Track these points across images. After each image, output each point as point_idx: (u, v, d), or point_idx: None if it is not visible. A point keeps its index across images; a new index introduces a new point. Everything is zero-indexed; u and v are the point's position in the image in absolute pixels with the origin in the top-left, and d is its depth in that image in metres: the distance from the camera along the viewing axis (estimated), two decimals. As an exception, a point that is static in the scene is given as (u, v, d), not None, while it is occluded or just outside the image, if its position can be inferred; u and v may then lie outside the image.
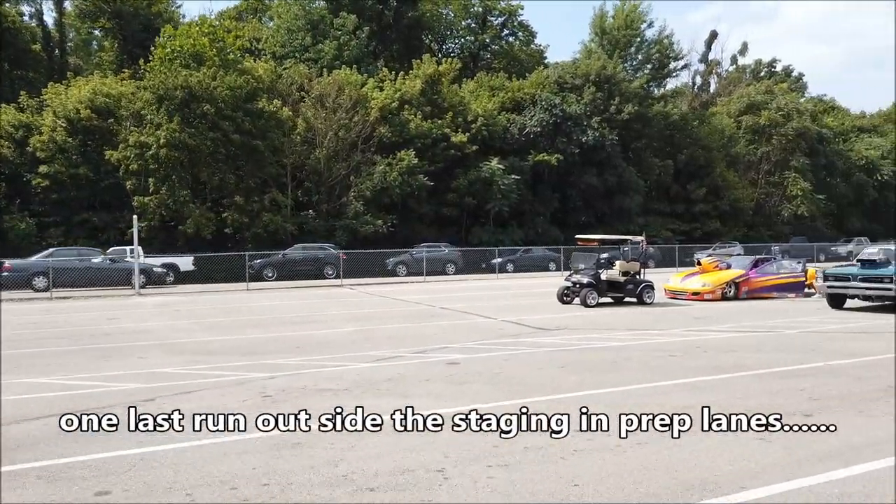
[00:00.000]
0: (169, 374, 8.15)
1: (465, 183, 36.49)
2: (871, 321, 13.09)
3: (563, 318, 13.97)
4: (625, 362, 8.71)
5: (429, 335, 11.39)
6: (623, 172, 40.31)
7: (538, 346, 10.08)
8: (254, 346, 10.37)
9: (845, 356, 9.05)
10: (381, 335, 11.50)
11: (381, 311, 15.59)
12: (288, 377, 7.81)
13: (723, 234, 43.11)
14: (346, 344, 10.51)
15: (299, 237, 32.21)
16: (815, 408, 6.24)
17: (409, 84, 37.42)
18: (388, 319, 13.89)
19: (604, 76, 40.49)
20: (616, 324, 13.00)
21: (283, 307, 16.92)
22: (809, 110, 52.74)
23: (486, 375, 7.84)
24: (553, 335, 11.39)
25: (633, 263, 17.17)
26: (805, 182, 47.00)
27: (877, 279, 14.27)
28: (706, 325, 12.82)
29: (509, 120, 39.67)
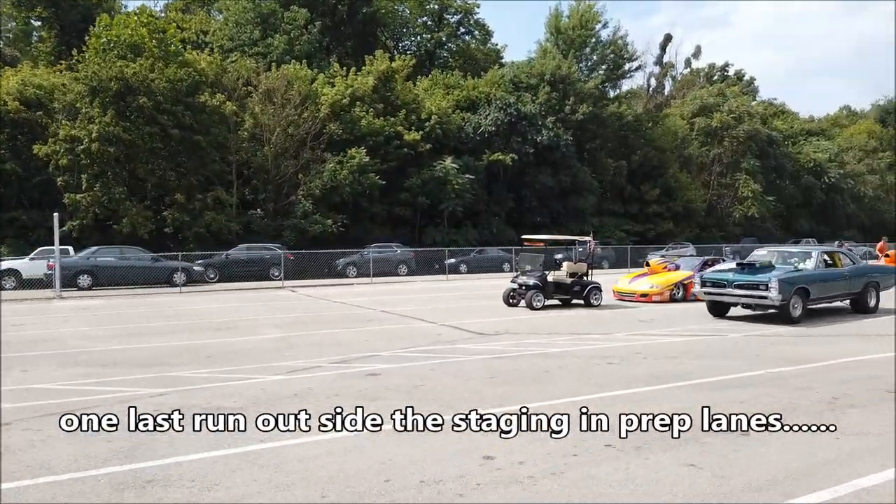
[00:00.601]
0: (46, 391, 7.21)
1: (419, 182, 35.79)
2: (819, 326, 12.85)
3: (506, 321, 13.37)
4: (558, 371, 8.11)
5: (358, 342, 10.64)
6: (578, 173, 40.15)
7: (471, 354, 9.43)
8: (161, 356, 9.45)
9: (789, 362, 8.63)
10: (307, 342, 10.70)
11: (317, 316, 14.74)
12: (181, 393, 6.98)
13: (676, 235, 43.35)
14: (265, 353, 9.68)
15: (245, 237, 31.01)
16: (752, 426, 5.72)
17: (362, 80, 36.52)
18: (320, 324, 13.07)
19: (559, 76, 40.27)
20: (559, 327, 12.45)
21: (214, 311, 15.92)
22: (760, 113, 53.76)
23: (404, 389, 7.14)
24: (491, 341, 10.76)
25: (580, 264, 16.71)
26: (755, 184, 47.70)
27: (752, 285, 12.57)
28: (651, 328, 12.37)
29: (464, 119, 39.12)
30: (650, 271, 18.32)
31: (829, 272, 13.63)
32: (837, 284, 13.74)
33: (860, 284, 14.11)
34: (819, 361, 8.70)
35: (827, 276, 13.53)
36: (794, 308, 12.49)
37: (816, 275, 13.24)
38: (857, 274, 14.13)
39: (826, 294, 13.53)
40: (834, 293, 13.77)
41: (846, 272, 13.87)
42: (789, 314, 12.42)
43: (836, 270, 13.78)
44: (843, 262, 14.13)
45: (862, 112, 77.04)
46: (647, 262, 18.97)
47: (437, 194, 35.81)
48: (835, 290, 13.73)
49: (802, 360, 8.76)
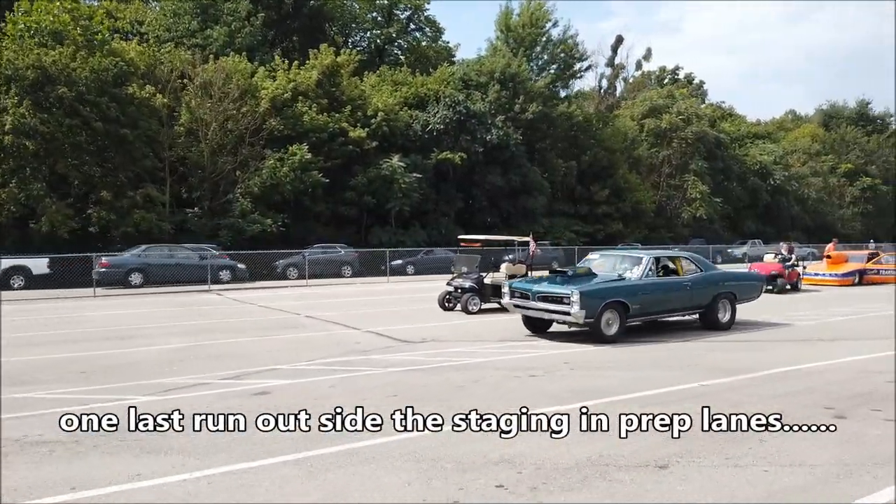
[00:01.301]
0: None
1: (365, 181, 34.72)
2: (765, 330, 12.37)
3: (436, 327, 12.53)
4: (473, 387, 7.28)
5: (264, 353, 9.62)
6: (528, 173, 39.65)
7: (385, 366, 8.53)
8: (28, 372, 8.28)
9: (725, 373, 7.99)
10: (206, 353, 9.63)
11: (233, 322, 13.62)
12: (12, 422, 5.87)
13: (625, 236, 43.33)
14: (152, 367, 8.59)
15: (178, 237, 29.46)
16: (672, 454, 4.97)
17: (305, 75, 35.25)
18: (232, 332, 11.98)
19: (508, 74, 39.72)
20: (490, 334, 11.66)
21: (124, 317, 14.64)
22: (708, 115, 54.34)
23: (290, 412, 6.18)
24: (412, 350, 9.89)
25: (519, 266, 15.99)
26: (703, 185, 48.08)
27: (555, 298, 10.45)
28: (577, 336, 11.70)
29: (412, 116, 38.20)
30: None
31: (662, 282, 11.42)
32: (674, 296, 11.50)
33: (708, 296, 11.91)
34: (755, 371, 8.09)
35: (658, 287, 11.28)
36: (607, 325, 10.40)
37: (641, 286, 10.97)
38: (704, 283, 11.89)
39: (657, 308, 11.33)
40: (669, 306, 11.56)
41: (688, 281, 11.66)
42: (601, 333, 10.34)
43: (672, 280, 11.65)
44: (687, 268, 11.96)
45: (806, 116, 79.06)
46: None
47: (383, 193, 34.80)
48: (670, 302, 11.50)
49: (738, 370, 8.14)
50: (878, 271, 24.07)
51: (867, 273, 23.90)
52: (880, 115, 71.81)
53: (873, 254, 25.45)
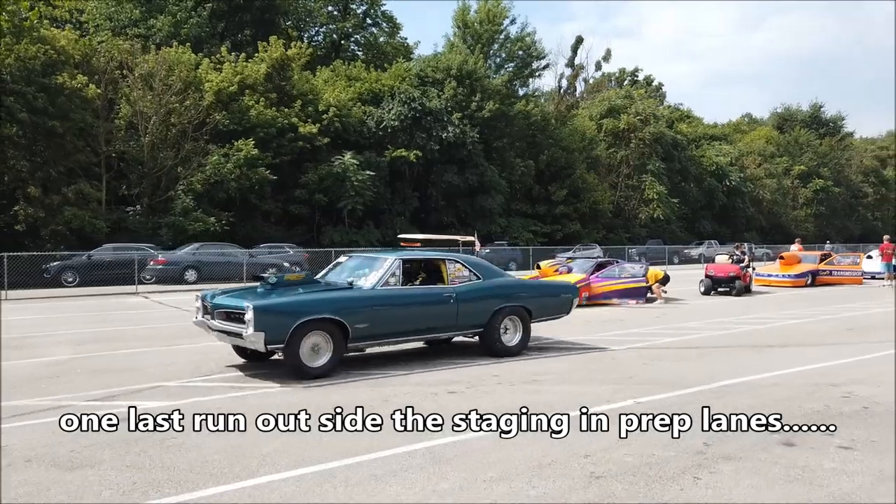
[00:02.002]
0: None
1: (316, 178, 33.57)
2: (708, 333, 11.74)
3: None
4: (382, 406, 6.35)
5: (159, 366, 8.53)
6: (485, 172, 38.92)
7: (289, 383, 7.54)
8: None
9: (663, 387, 7.23)
10: (91, 367, 8.49)
11: (141, 329, 12.43)
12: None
13: (583, 237, 42.92)
14: (17, 384, 7.43)
15: (115, 236, 27.87)
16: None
17: (253, 68, 33.90)
18: (133, 341, 10.82)
19: (465, 71, 38.93)
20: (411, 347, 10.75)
21: (27, 323, 13.31)
22: (666, 117, 54.46)
23: (116, 450, 5.16)
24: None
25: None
26: (661, 186, 48.07)
27: (233, 315, 7.68)
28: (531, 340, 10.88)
29: (366, 112, 37.14)
30: (541, 274, 16.99)
31: (409, 293, 8.61)
32: (429, 312, 8.62)
33: (485, 312, 9.02)
34: (698, 385, 7.34)
35: (402, 300, 8.45)
36: (311, 354, 7.61)
37: (371, 297, 8.08)
38: (478, 295, 9.00)
39: (400, 329, 8.41)
40: (420, 326, 8.66)
41: (450, 292, 8.72)
42: (300, 364, 7.51)
43: (425, 291, 8.80)
44: (457, 275, 9.01)
45: (762, 120, 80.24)
46: (538, 265, 17.62)
47: (335, 191, 33.69)
48: (423, 320, 8.62)
49: (680, 383, 7.40)
50: (830, 272, 23.94)
51: (820, 274, 23.74)
52: (832, 119, 73.25)
53: (826, 254, 25.33)
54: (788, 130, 69.56)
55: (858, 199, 70.01)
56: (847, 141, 73.92)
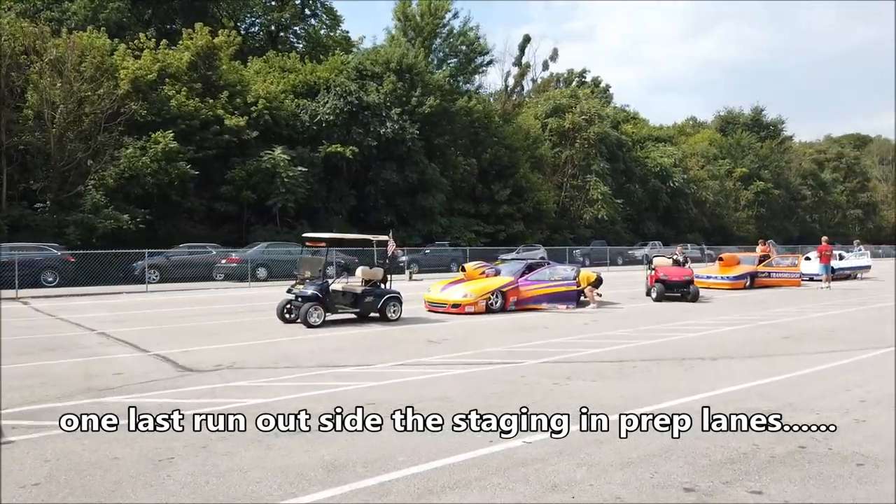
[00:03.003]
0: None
1: (244, 174, 31.67)
2: (636, 341, 10.66)
3: (253, 346, 10.10)
4: (170, 466, 4.91)
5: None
6: (426, 169, 37.59)
7: (109, 417, 6.01)
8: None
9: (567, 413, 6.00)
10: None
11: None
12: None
13: (527, 237, 42.05)
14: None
15: (16, 235, 25.43)
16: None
17: (175, 56, 31.75)
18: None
19: (405, 65, 37.51)
20: (315, 355, 9.34)
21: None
22: (611, 117, 54.16)
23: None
24: (188, 384, 7.44)
25: (376, 270, 13.78)
26: (605, 186, 47.65)
27: None
28: (437, 352, 9.61)
29: (299, 106, 35.36)
30: (466, 277, 15.74)
31: None
32: None
33: None
34: (611, 412, 6.14)
35: None
36: None
37: None
38: None
39: None
40: None
41: None
42: None
43: None
44: None
45: (706, 123, 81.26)
46: (462, 267, 16.36)
47: (264, 188, 31.85)
48: None
49: (591, 409, 6.18)
50: (769, 274, 23.48)
51: (758, 276, 23.26)
52: (773, 122, 74.64)
53: (765, 256, 24.90)
54: (731, 133, 70.50)
55: (797, 202, 71.49)
56: (787, 144, 75.49)
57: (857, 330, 12.44)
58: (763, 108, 74.91)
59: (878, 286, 24.72)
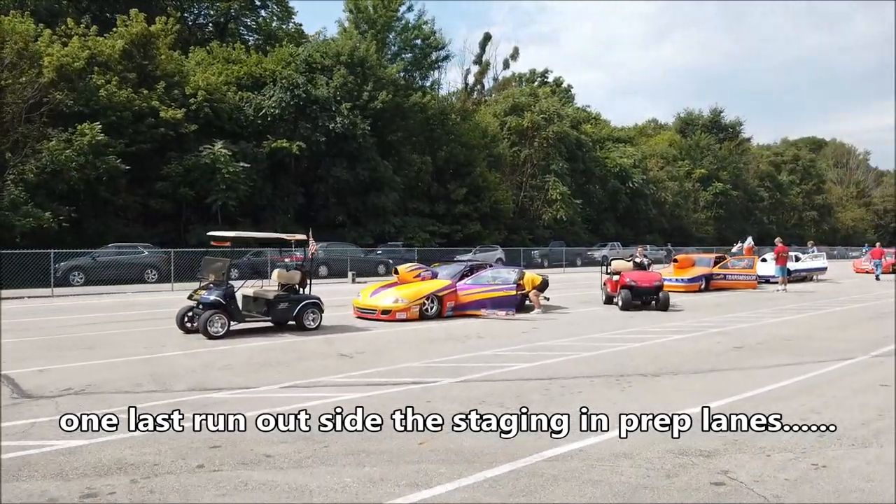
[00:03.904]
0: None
1: (181, 170, 29.86)
2: (574, 353, 9.51)
3: (127, 363, 8.66)
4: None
5: None
6: (378, 167, 36.17)
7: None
8: None
9: (455, 464, 4.76)
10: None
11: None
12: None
13: (484, 238, 40.96)
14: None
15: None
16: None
17: (107, 43, 29.80)
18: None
19: (357, 58, 36.05)
20: (191, 376, 7.94)
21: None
22: (571, 116, 53.42)
23: None
24: (9, 419, 5.98)
25: (293, 273, 12.40)
26: (564, 186, 46.85)
27: None
28: (344, 369, 8.31)
29: (243, 98, 33.64)
30: (399, 280, 14.45)
31: None
32: None
33: None
34: (507, 461, 4.93)
35: None
36: None
37: None
38: None
39: None
40: None
41: None
42: None
43: None
44: None
45: (667, 125, 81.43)
46: (395, 270, 15.04)
47: (204, 185, 30.09)
48: None
49: (484, 455, 4.96)
50: (724, 276, 22.73)
51: (714, 278, 22.49)
52: (731, 124, 75.08)
53: (720, 257, 24.18)
54: (690, 135, 70.62)
55: (755, 203, 71.99)
56: (745, 146, 76.04)
57: (813, 338, 11.53)
58: (722, 109, 75.39)
59: (834, 289, 24.21)
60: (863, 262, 37.27)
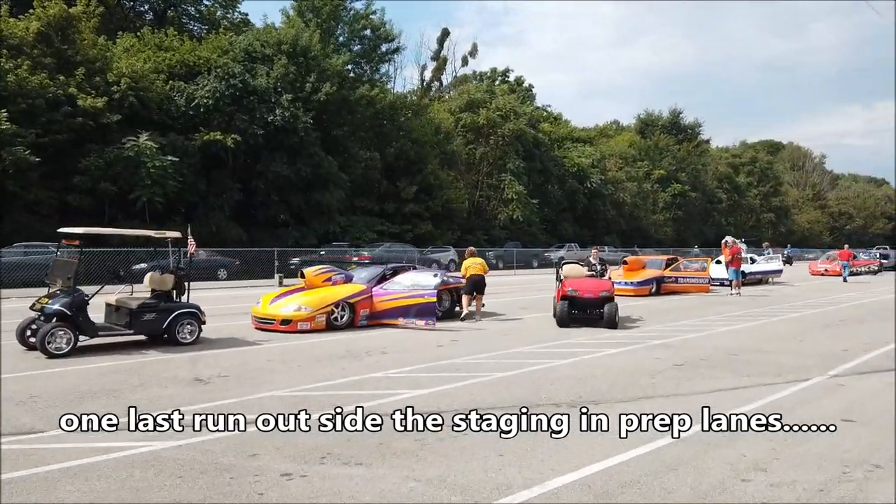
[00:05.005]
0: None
1: (102, 163, 27.53)
2: (483, 375, 7.91)
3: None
4: None
5: None
6: (322, 163, 34.20)
7: None
8: None
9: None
10: None
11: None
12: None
13: (436, 238, 39.32)
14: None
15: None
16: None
17: (19, 25, 27.35)
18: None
19: (299, 48, 34.07)
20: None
21: None
22: (529, 114, 52.16)
23: None
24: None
25: (166, 277, 10.56)
26: (520, 186, 45.53)
27: None
28: (186, 401, 6.56)
29: (174, 88, 31.40)
30: (306, 285, 12.70)
31: None
32: None
33: None
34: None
35: None
36: None
37: None
38: None
39: None
40: None
41: None
42: None
43: None
44: None
45: (629, 127, 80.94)
46: (301, 273, 13.26)
47: (127, 179, 27.83)
48: None
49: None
50: (676, 279, 21.48)
51: (665, 281, 21.25)
52: (690, 125, 74.92)
53: (672, 259, 22.97)
54: (650, 135, 70.15)
55: (713, 205, 71.88)
56: (703, 147, 75.95)
57: (763, 351, 10.16)
58: (681, 110, 75.17)
59: (789, 292, 23.23)
60: (819, 264, 36.80)
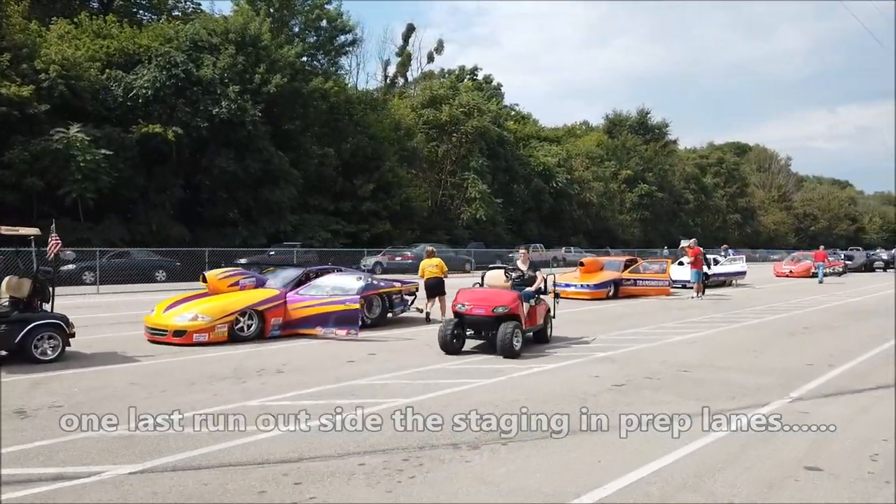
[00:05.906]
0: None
1: (27, 156, 25.61)
2: (387, 400, 6.53)
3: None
4: None
5: None
6: (271, 158, 32.60)
7: None
8: None
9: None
10: None
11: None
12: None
13: (395, 238, 37.88)
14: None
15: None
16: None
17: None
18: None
19: (248, 37, 32.39)
20: None
21: None
22: (494, 112, 50.98)
23: None
24: None
25: (22, 282, 9.03)
26: (483, 184, 44.30)
27: None
28: (5, 435, 5.04)
29: (111, 77, 29.51)
30: (209, 290, 11.20)
31: None
32: None
33: None
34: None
35: None
36: None
37: None
38: None
39: None
40: None
41: None
42: None
43: None
44: None
45: (597, 127, 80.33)
46: (203, 276, 11.73)
47: (56, 174, 25.96)
48: None
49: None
50: (634, 281, 20.34)
51: (623, 283, 20.11)
52: (658, 126, 74.57)
53: (631, 260, 21.87)
54: (617, 135, 69.57)
55: (680, 205, 71.58)
56: (671, 147, 75.68)
57: (718, 367, 8.96)
58: (648, 110, 74.79)
59: (751, 295, 22.31)
60: (783, 266, 36.32)
